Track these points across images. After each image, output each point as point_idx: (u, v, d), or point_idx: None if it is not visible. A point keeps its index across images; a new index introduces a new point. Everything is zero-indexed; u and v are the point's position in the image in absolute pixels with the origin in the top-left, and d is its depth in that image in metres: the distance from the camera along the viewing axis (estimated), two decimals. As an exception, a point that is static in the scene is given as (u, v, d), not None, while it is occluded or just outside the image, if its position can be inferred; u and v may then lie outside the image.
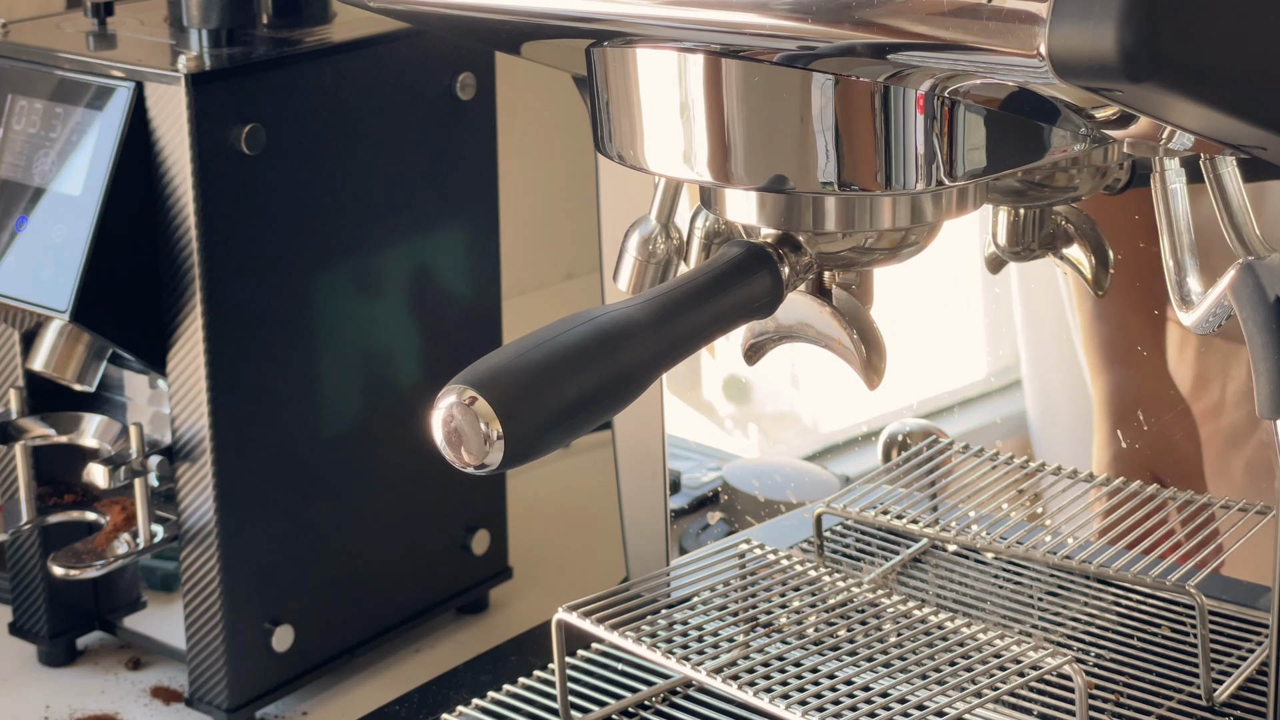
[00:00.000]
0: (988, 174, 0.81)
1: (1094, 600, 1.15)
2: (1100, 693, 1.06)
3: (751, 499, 1.36)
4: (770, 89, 0.80)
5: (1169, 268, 0.85)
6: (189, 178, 1.15)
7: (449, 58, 1.29)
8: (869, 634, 1.03)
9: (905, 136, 0.79)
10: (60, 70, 1.20)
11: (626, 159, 0.87)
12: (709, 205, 0.91)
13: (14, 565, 1.33)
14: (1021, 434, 1.71)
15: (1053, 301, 1.24)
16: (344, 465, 1.26)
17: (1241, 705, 1.04)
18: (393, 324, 1.29)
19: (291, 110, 1.20)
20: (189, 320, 1.17)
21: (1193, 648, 1.08)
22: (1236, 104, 0.74)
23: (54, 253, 1.16)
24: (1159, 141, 0.83)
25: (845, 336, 0.89)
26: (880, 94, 0.78)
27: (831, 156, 0.80)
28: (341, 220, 1.24)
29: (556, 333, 0.79)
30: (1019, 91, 0.77)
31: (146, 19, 1.29)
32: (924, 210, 0.86)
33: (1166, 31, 0.69)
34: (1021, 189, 1.01)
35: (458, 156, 1.31)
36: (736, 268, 0.85)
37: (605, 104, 0.87)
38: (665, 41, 0.82)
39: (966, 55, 0.73)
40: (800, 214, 0.85)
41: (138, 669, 1.33)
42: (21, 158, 1.20)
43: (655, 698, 1.08)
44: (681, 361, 0.84)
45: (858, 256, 0.89)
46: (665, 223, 0.99)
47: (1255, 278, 0.82)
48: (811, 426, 1.81)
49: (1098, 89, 0.72)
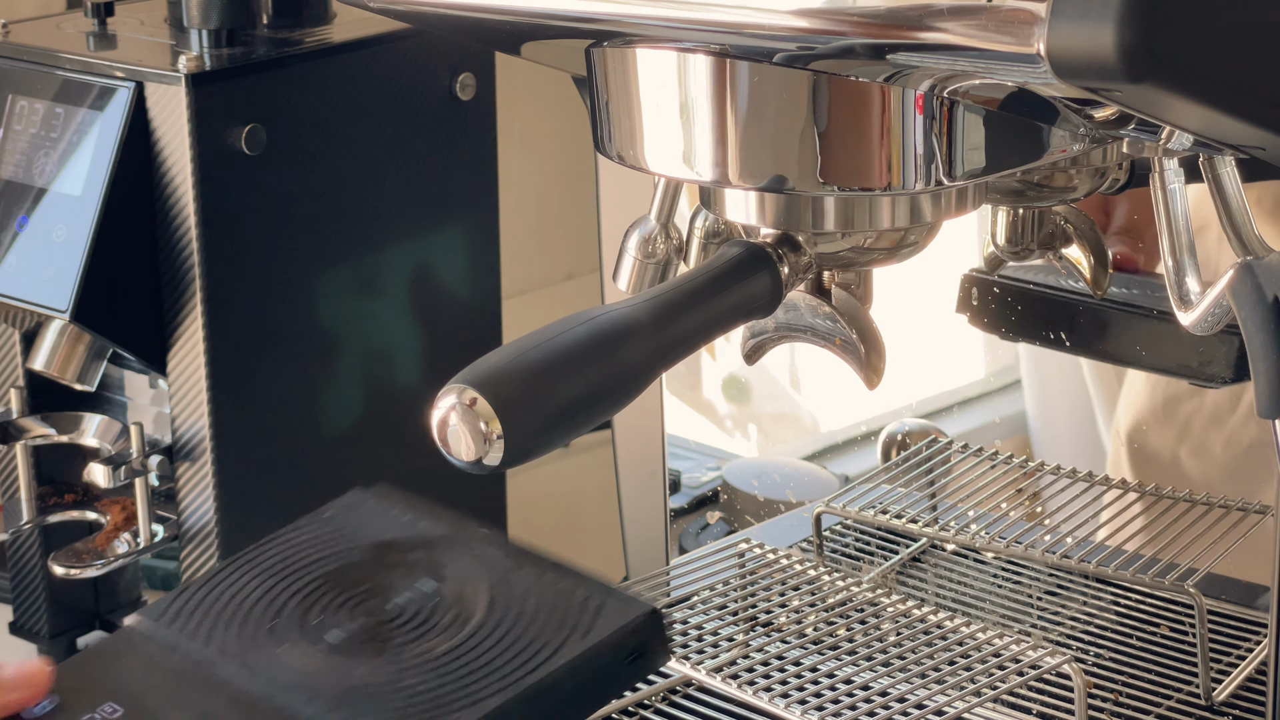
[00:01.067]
0: (987, 174, 0.81)
1: (1093, 600, 1.15)
2: (1099, 692, 1.06)
3: (751, 499, 1.36)
4: (770, 89, 0.80)
5: (1168, 268, 0.85)
6: (189, 178, 1.15)
7: (449, 58, 1.29)
8: (868, 633, 1.03)
9: (904, 136, 0.79)
10: (61, 70, 1.20)
11: (626, 159, 0.87)
12: (709, 205, 0.91)
13: (14, 565, 1.33)
14: (1021, 434, 1.71)
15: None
16: (344, 465, 1.26)
17: (1240, 705, 1.04)
18: (393, 324, 1.29)
19: (291, 110, 1.20)
20: (189, 320, 1.17)
21: (1192, 647, 1.08)
22: (1236, 104, 0.74)
23: (54, 253, 1.17)
24: (1158, 141, 0.83)
25: (845, 336, 0.89)
26: (880, 94, 0.79)
27: (830, 156, 0.80)
28: (341, 220, 1.24)
29: (556, 333, 0.79)
30: (1018, 91, 0.77)
31: (146, 19, 1.30)
32: (923, 210, 0.86)
33: (1166, 31, 0.69)
34: (1021, 189, 1.01)
35: (458, 156, 1.31)
36: (736, 268, 0.85)
37: (605, 104, 0.87)
38: (665, 41, 0.82)
39: (966, 55, 0.73)
40: (800, 214, 0.86)
41: (138, 668, 1.33)
42: (22, 158, 1.20)
43: (655, 696, 1.08)
44: (681, 361, 0.84)
45: (857, 256, 0.89)
46: (665, 223, 1.00)
47: (1254, 278, 0.82)
48: (811, 426, 1.82)
49: (1097, 89, 0.72)
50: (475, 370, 0.77)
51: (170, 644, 0.79)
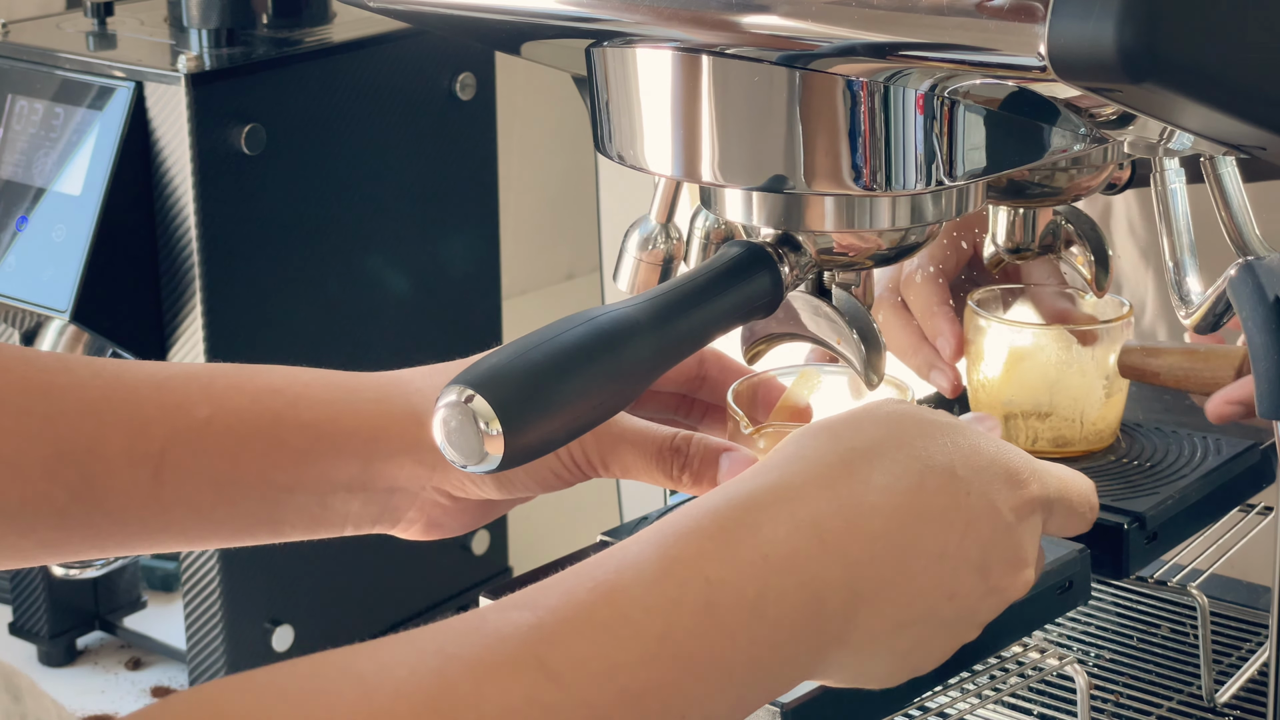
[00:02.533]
0: (988, 174, 0.81)
1: (1094, 600, 1.15)
2: (1100, 693, 1.06)
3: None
4: (770, 89, 0.80)
5: (1168, 268, 0.85)
6: (189, 178, 1.15)
7: (449, 58, 1.29)
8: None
9: (905, 136, 0.79)
10: (61, 70, 1.20)
11: (626, 159, 0.87)
12: (709, 205, 0.91)
13: (14, 565, 1.33)
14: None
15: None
16: (344, 465, 1.26)
17: (1242, 706, 1.04)
18: (392, 323, 1.29)
19: (291, 110, 1.20)
20: (189, 320, 1.17)
21: (1193, 648, 1.08)
22: (1236, 104, 0.74)
23: (54, 253, 1.16)
24: (1158, 141, 0.83)
25: (845, 336, 0.89)
26: (880, 94, 0.78)
27: (831, 156, 0.80)
28: (341, 220, 1.24)
29: (556, 333, 0.79)
30: (1019, 91, 0.77)
31: (146, 19, 1.29)
32: (924, 210, 0.86)
33: (1166, 31, 0.69)
34: (1021, 189, 1.01)
35: (458, 156, 1.31)
36: (736, 268, 0.85)
37: (605, 104, 0.87)
38: (665, 42, 0.82)
39: (966, 55, 0.73)
40: (800, 214, 0.85)
41: (138, 669, 1.33)
42: (22, 158, 1.20)
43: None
44: (681, 361, 0.84)
45: (858, 257, 0.89)
46: (665, 223, 0.99)
47: (1255, 277, 0.82)
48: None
49: (1098, 89, 0.72)
50: (475, 370, 0.77)
51: None
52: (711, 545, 0.71)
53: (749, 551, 0.71)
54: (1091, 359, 1.06)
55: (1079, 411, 1.07)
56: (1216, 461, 1.06)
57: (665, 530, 0.72)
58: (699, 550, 0.71)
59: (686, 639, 0.69)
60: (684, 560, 0.71)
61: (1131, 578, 1.02)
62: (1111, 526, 1.00)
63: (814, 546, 0.73)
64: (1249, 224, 0.85)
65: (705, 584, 0.70)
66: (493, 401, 0.75)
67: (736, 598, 0.70)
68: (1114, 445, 1.09)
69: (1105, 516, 1.01)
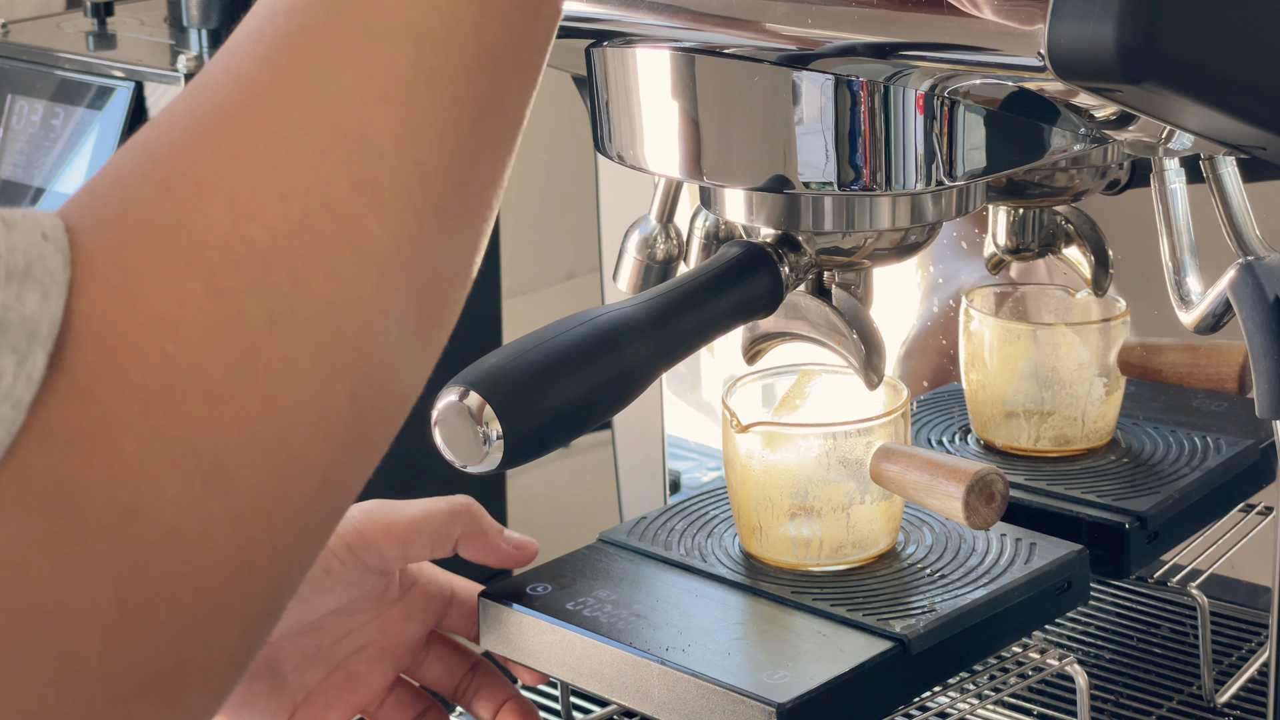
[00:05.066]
0: (988, 174, 0.81)
1: (1094, 600, 1.15)
2: (1100, 693, 1.06)
3: (751, 499, 1.36)
4: (770, 89, 0.80)
5: (1168, 268, 0.85)
6: (189, 178, 1.15)
7: (449, 58, 1.29)
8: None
9: (905, 136, 0.79)
10: (60, 70, 1.20)
11: (626, 159, 0.87)
12: (709, 205, 0.91)
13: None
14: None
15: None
16: (344, 465, 1.26)
17: (1243, 706, 1.04)
18: (393, 324, 1.29)
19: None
20: (189, 320, 1.17)
21: (1193, 648, 1.08)
22: (1236, 104, 0.74)
23: (54, 253, 1.17)
24: (1159, 141, 0.83)
25: (845, 336, 0.89)
26: (880, 94, 0.78)
27: (831, 156, 0.80)
28: (341, 220, 1.24)
29: (556, 333, 0.79)
30: (1019, 91, 0.77)
31: (146, 19, 1.30)
32: (924, 210, 0.86)
33: (1166, 31, 0.69)
34: (1021, 189, 1.01)
35: (458, 156, 1.31)
36: (736, 268, 0.85)
37: (605, 104, 0.87)
38: (665, 42, 0.82)
39: (966, 55, 0.73)
40: (800, 214, 0.85)
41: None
42: (22, 158, 1.20)
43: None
44: (681, 361, 0.84)
45: (857, 257, 0.89)
46: (665, 223, 1.00)
47: (1255, 277, 0.82)
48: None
49: (1098, 89, 0.72)
50: (475, 370, 0.77)
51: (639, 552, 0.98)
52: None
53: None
54: (1091, 357, 1.06)
55: (1080, 410, 1.07)
56: (1216, 460, 1.06)
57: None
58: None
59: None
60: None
61: (1132, 578, 1.02)
62: (1112, 526, 1.00)
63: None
64: (1249, 224, 0.85)
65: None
66: (492, 401, 0.76)
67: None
68: (1114, 444, 1.09)
69: (1105, 516, 1.01)
